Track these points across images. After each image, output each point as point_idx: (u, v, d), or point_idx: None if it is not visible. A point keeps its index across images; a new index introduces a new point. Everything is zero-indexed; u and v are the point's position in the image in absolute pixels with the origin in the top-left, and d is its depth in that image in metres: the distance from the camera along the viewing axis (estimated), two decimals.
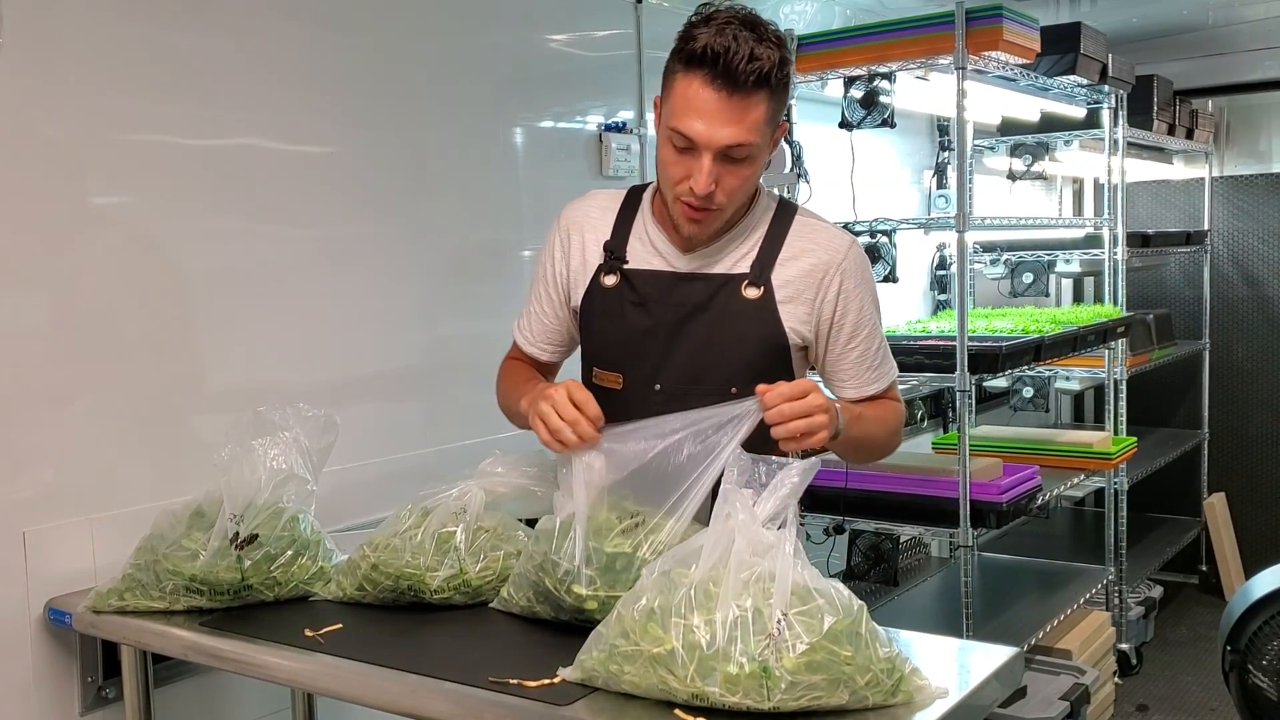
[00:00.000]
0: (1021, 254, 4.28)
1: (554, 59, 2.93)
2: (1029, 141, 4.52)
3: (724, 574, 1.33)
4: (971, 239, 4.03)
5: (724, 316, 1.74)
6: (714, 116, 1.59)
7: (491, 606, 1.72)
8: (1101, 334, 3.75)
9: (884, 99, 3.19)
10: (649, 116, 3.10)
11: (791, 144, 3.48)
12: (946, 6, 3.04)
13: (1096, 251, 4.17)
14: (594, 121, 3.01)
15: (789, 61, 1.64)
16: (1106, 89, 3.97)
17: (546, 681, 1.41)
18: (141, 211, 2.07)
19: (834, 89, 3.34)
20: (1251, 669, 2.90)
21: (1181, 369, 5.10)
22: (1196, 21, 4.82)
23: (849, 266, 1.76)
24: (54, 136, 1.94)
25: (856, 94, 3.22)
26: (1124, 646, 4.11)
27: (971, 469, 3.02)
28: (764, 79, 1.59)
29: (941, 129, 4.56)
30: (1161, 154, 5.33)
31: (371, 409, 2.47)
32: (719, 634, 1.29)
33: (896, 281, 3.29)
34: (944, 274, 4.56)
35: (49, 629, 1.92)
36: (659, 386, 1.75)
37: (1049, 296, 4.51)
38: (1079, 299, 5.30)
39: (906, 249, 3.90)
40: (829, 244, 1.77)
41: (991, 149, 4.65)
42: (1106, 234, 4.11)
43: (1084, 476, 3.78)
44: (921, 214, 4.42)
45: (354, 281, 2.43)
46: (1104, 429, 4.09)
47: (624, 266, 1.79)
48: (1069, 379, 4.44)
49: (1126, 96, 4.14)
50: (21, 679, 1.91)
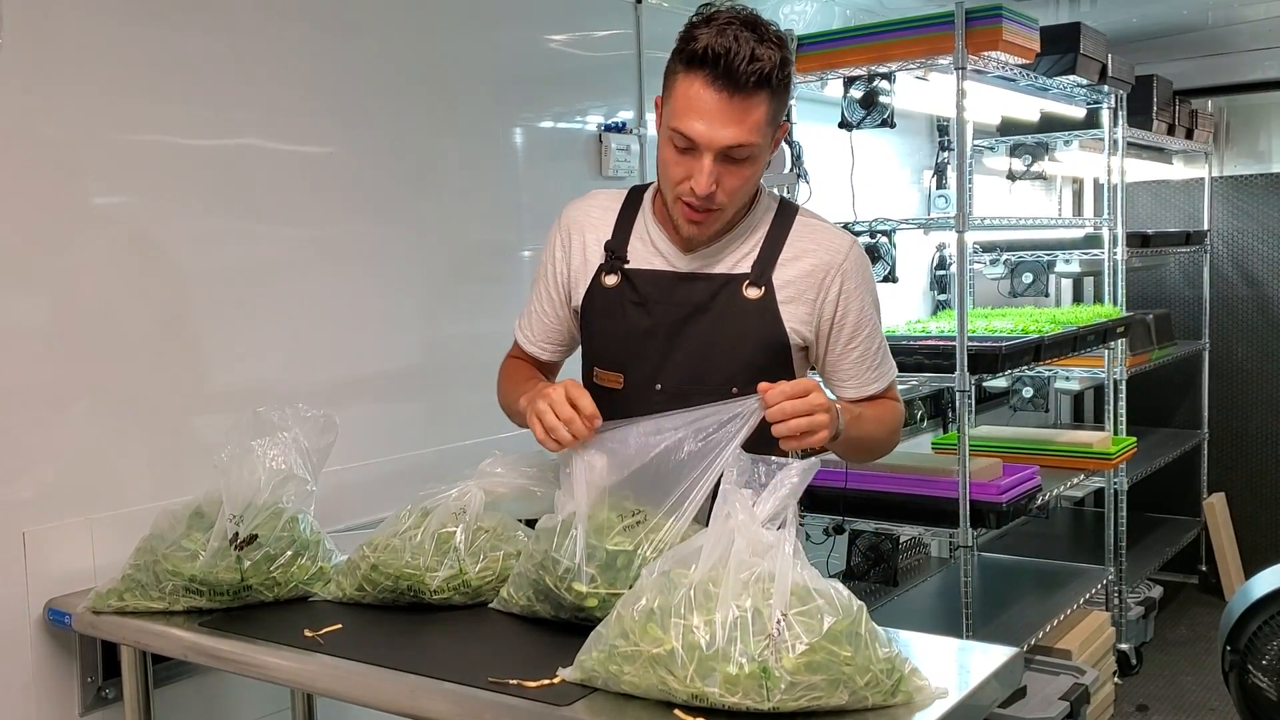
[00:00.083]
0: (1021, 254, 4.28)
1: (554, 59, 2.93)
2: (1029, 141, 4.52)
3: (724, 574, 1.33)
4: (971, 239, 4.05)
5: (725, 317, 1.74)
6: (715, 117, 1.59)
7: (491, 607, 1.72)
8: (1101, 334, 3.75)
9: (884, 99, 3.19)
10: (649, 117, 3.10)
11: (791, 144, 3.48)
12: (946, 6, 3.04)
13: (1096, 251, 4.17)
14: (594, 122, 3.01)
15: (790, 62, 1.65)
16: (1106, 89, 3.97)
17: (546, 682, 1.41)
18: (141, 211, 2.07)
19: (834, 89, 3.34)
20: (1251, 669, 2.90)
21: (1181, 369, 5.10)
22: (1196, 21, 4.81)
23: (850, 267, 1.76)
24: (54, 137, 1.94)
25: (856, 94, 3.22)
26: (1124, 646, 4.11)
27: (971, 469, 3.02)
28: (765, 79, 1.59)
29: (941, 129, 4.56)
30: (1161, 154, 5.33)
31: (371, 409, 2.47)
32: (719, 634, 1.29)
33: (896, 281, 3.29)
34: (944, 274, 4.56)
35: (49, 629, 1.92)
36: (660, 386, 1.75)
37: (1049, 296, 4.50)
38: (1079, 299, 5.29)
39: (906, 249, 3.90)
40: (830, 244, 1.77)
41: (991, 149, 4.65)
42: (1106, 234, 4.11)
43: (1084, 476, 3.78)
44: (921, 214, 4.42)
45: (354, 281, 2.43)
46: (1104, 429, 4.09)
47: (625, 266, 1.79)
48: (1069, 379, 4.44)
49: (1126, 96, 4.14)
50: (21, 679, 1.91)
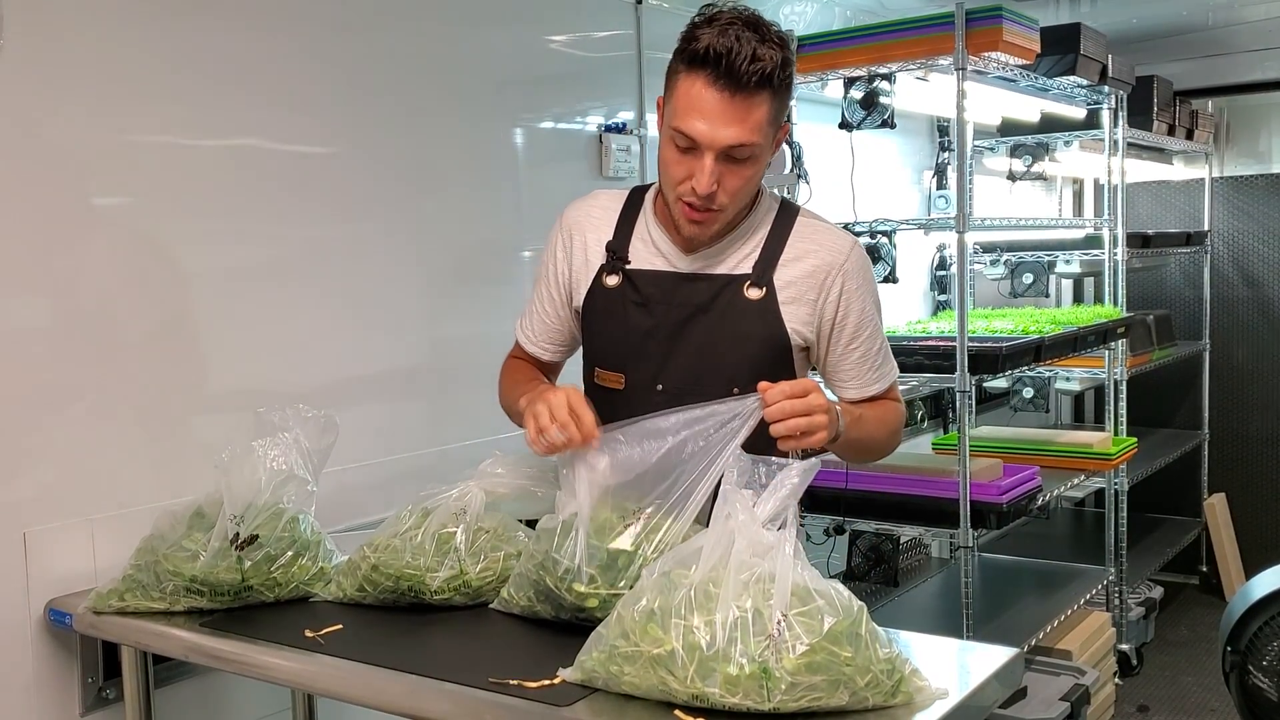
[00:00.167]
0: (1021, 254, 4.28)
1: (554, 59, 2.93)
2: (1029, 142, 4.52)
3: (724, 575, 1.33)
4: (971, 239, 4.04)
5: (726, 317, 1.74)
6: (716, 117, 1.59)
7: (492, 607, 1.72)
8: (1101, 334, 3.75)
9: (884, 100, 3.19)
10: (649, 117, 3.10)
11: (792, 145, 3.48)
12: (946, 7, 3.04)
13: (1096, 252, 4.17)
14: (594, 122, 3.01)
15: (791, 62, 1.65)
16: (1106, 89, 3.96)
17: (546, 682, 1.41)
18: (142, 211, 2.06)
19: (834, 90, 3.34)
20: (1252, 669, 2.90)
21: (1181, 370, 5.10)
22: (1196, 22, 4.81)
23: (851, 268, 1.76)
24: (54, 137, 1.94)
25: (856, 95, 3.22)
26: (1124, 647, 4.11)
27: (972, 469, 3.02)
28: (766, 79, 1.59)
29: (941, 129, 4.56)
30: (1161, 154, 5.33)
31: (372, 409, 2.47)
32: (719, 635, 1.29)
33: (896, 282, 3.29)
34: (944, 274, 4.56)
35: (49, 630, 1.92)
36: (661, 387, 1.75)
37: (1049, 297, 4.51)
38: (1079, 299, 5.29)
39: (906, 249, 3.91)
40: (831, 245, 1.77)
41: (991, 149, 4.65)
42: (1106, 234, 4.11)
43: (1084, 477, 3.78)
44: (921, 214, 4.42)
45: (354, 281, 2.42)
46: (1104, 429, 4.09)
47: (626, 267, 1.79)
48: (1069, 379, 4.44)
49: (1126, 97, 4.14)
50: (22, 679, 1.91)
